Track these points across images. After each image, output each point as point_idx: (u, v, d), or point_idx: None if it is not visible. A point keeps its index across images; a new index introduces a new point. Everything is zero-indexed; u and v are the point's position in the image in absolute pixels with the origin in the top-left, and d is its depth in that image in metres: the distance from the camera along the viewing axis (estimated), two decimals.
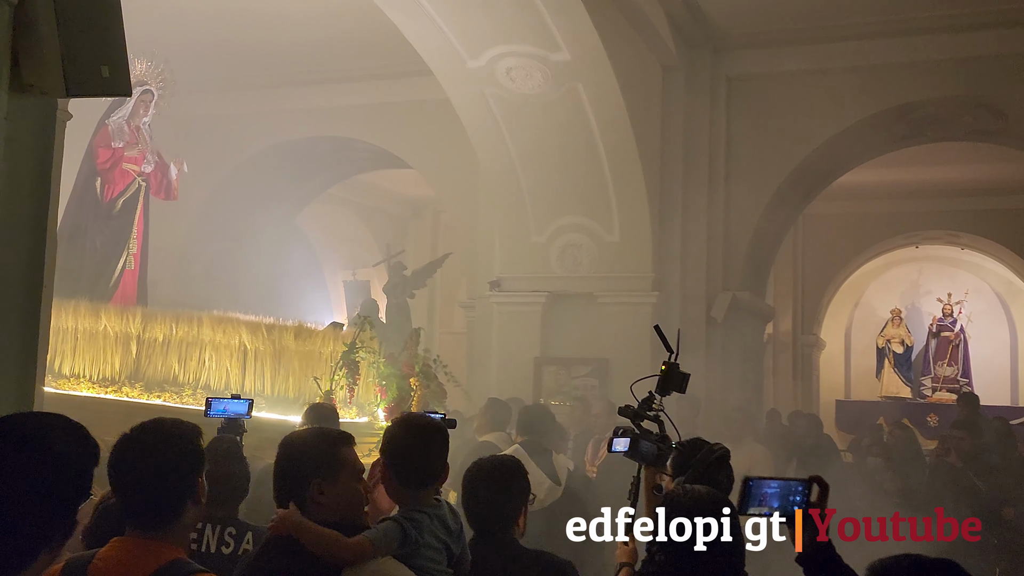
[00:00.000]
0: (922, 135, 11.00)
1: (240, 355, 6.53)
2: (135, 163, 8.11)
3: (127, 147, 8.06)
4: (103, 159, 7.97)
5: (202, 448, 2.45)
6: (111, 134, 8.04)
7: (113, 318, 6.79)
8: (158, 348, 6.68)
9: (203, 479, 2.40)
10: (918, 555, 2.03)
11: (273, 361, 6.51)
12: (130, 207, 8.10)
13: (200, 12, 9.81)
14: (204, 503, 2.42)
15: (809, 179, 10.89)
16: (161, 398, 6.50)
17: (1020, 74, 9.45)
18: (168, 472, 2.31)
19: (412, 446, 2.94)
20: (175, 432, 2.40)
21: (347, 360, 6.38)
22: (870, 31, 9.67)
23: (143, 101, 8.15)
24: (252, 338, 6.52)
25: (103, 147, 7.99)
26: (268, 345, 6.51)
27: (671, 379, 3.09)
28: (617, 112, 9.08)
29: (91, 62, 2.59)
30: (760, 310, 11.58)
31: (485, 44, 8.77)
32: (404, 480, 2.91)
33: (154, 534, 2.27)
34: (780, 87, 10.11)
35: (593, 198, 9.70)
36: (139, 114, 8.15)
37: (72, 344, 6.83)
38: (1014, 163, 12.56)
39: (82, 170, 8.05)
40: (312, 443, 2.78)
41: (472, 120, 9.66)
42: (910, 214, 15.68)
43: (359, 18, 9.54)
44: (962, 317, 17.42)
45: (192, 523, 2.43)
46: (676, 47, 9.82)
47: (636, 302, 9.64)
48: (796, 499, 2.21)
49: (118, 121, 8.05)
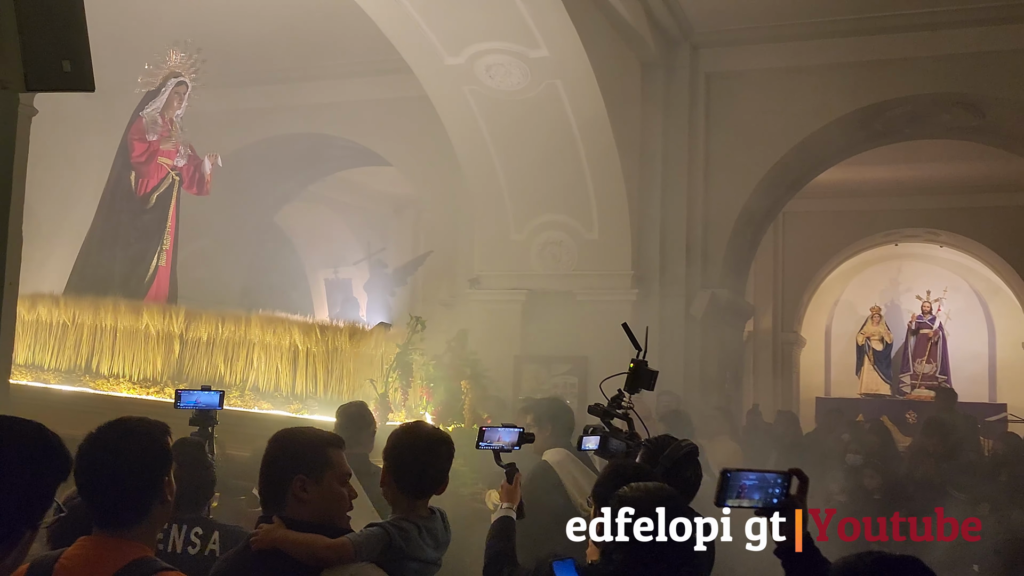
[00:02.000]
0: (900, 133, 11.05)
1: (290, 356, 6.35)
2: (168, 157, 7.90)
3: (162, 140, 7.85)
4: (138, 152, 7.76)
5: (169, 447, 2.42)
6: (145, 127, 7.82)
7: (156, 317, 6.63)
8: (202, 348, 6.53)
9: (171, 478, 2.36)
10: (881, 552, 2.02)
11: (326, 362, 6.33)
12: (164, 202, 7.91)
13: (179, 8, 9.73)
14: (172, 501, 2.38)
15: (788, 176, 10.92)
16: None
17: (998, 72, 9.50)
18: (134, 471, 2.28)
19: (417, 455, 2.95)
20: (141, 430, 2.37)
21: (401, 362, 6.22)
22: (848, 28, 9.71)
23: (177, 93, 7.96)
24: (304, 339, 6.34)
25: (138, 140, 7.78)
26: (320, 346, 6.31)
27: (639, 377, 3.09)
28: (596, 109, 9.07)
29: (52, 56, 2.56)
30: (740, 308, 11.61)
31: (464, 41, 8.74)
32: (403, 487, 2.94)
33: (121, 533, 2.24)
34: (759, 84, 10.13)
35: (573, 195, 9.69)
36: (173, 106, 7.95)
37: (111, 343, 6.69)
38: (992, 161, 12.65)
39: (116, 164, 7.88)
40: (302, 440, 2.77)
41: (451, 117, 9.63)
42: (889, 212, 15.76)
43: (338, 15, 9.49)
44: (941, 314, 17.54)
45: (160, 522, 2.40)
46: (655, 44, 9.83)
47: (616, 300, 9.64)
48: (776, 491, 2.19)
49: (152, 113, 7.85)
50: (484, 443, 3.19)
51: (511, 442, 3.22)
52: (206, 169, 8.12)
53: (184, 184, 8.05)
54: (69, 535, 2.37)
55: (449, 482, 2.98)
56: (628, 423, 3.05)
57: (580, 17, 8.39)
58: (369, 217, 17.28)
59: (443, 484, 3.01)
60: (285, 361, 6.33)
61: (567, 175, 9.57)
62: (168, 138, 7.90)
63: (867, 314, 18.08)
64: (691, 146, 10.18)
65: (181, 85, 7.98)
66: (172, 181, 7.94)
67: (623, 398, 3.07)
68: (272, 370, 6.35)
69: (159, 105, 7.89)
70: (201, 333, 6.54)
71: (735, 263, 10.87)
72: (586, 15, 8.57)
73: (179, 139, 7.96)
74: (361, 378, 6.30)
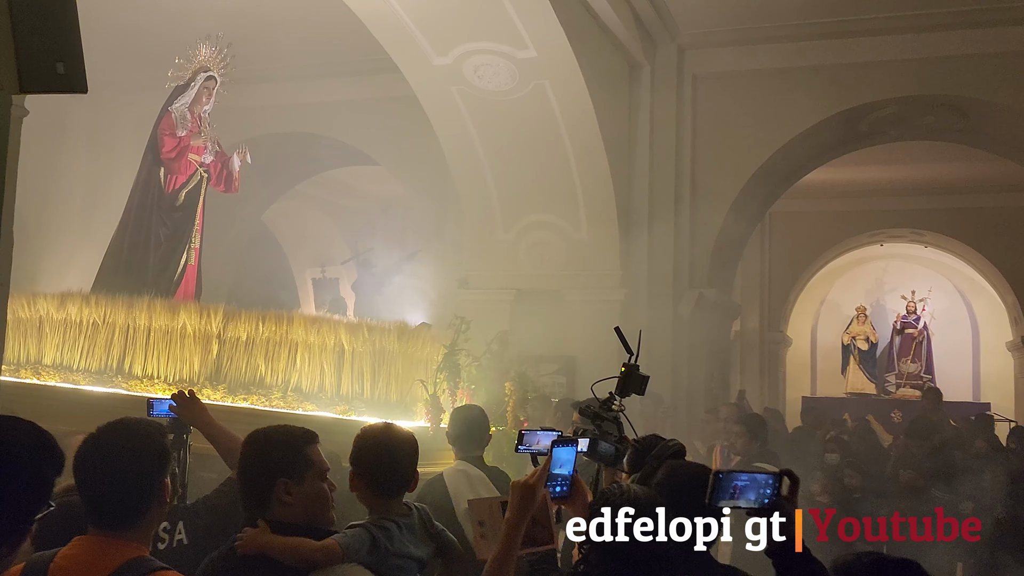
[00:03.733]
0: (885, 134, 11.14)
1: (335, 356, 6.15)
2: (197, 153, 7.71)
3: (192, 136, 7.66)
4: (168, 148, 7.55)
5: (167, 448, 2.44)
6: (174, 122, 7.63)
7: (193, 315, 6.43)
8: (240, 347, 6.30)
9: (168, 479, 2.38)
10: (880, 554, 2.04)
11: (373, 363, 6.13)
12: (192, 199, 7.69)
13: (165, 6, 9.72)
14: (169, 502, 2.41)
15: (775, 177, 10.99)
16: (248, 401, 6.13)
17: (981, 74, 9.59)
18: (134, 472, 2.29)
19: (380, 456, 2.98)
20: (141, 432, 2.38)
21: (449, 363, 6.11)
22: (833, 31, 9.78)
23: (206, 88, 7.75)
24: (351, 339, 6.14)
25: (168, 136, 7.59)
26: (368, 346, 6.12)
27: (630, 381, 3.11)
28: (584, 109, 9.11)
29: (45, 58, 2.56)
30: (727, 307, 11.67)
31: (452, 41, 8.76)
32: (374, 489, 2.96)
33: (118, 533, 2.26)
34: (745, 85, 10.19)
35: (560, 195, 9.73)
36: (201, 101, 7.74)
37: (144, 343, 6.49)
38: (976, 162, 12.75)
39: (145, 160, 7.69)
40: (279, 442, 2.75)
41: (439, 117, 9.64)
42: (875, 212, 15.87)
43: (326, 14, 9.49)
44: (925, 314, 17.65)
45: (157, 522, 2.42)
46: (642, 45, 9.88)
47: (603, 299, 9.68)
48: (768, 492, 2.22)
49: (181, 108, 7.66)
50: (523, 447, 3.16)
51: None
52: (235, 166, 7.90)
53: (212, 181, 7.84)
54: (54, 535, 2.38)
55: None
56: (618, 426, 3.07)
57: (567, 18, 8.43)
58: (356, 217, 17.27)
59: (413, 481, 3.04)
60: (330, 362, 6.13)
61: (555, 175, 9.60)
62: (198, 134, 7.71)
63: (853, 314, 18.18)
64: (678, 147, 10.22)
65: (210, 80, 7.76)
66: (200, 178, 7.74)
67: (614, 401, 3.09)
68: (316, 371, 6.13)
69: (188, 100, 7.68)
70: (240, 333, 6.30)
71: (722, 262, 10.93)
72: (573, 16, 8.61)
73: (208, 135, 7.79)
74: (410, 379, 6.17)
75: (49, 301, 6.93)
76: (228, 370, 6.30)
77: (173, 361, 6.42)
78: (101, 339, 6.73)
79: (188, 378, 6.32)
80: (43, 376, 6.78)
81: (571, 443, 2.52)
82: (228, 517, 3.07)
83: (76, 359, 6.76)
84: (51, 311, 6.91)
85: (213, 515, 3.22)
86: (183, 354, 6.40)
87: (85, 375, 6.67)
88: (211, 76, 7.77)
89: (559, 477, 2.49)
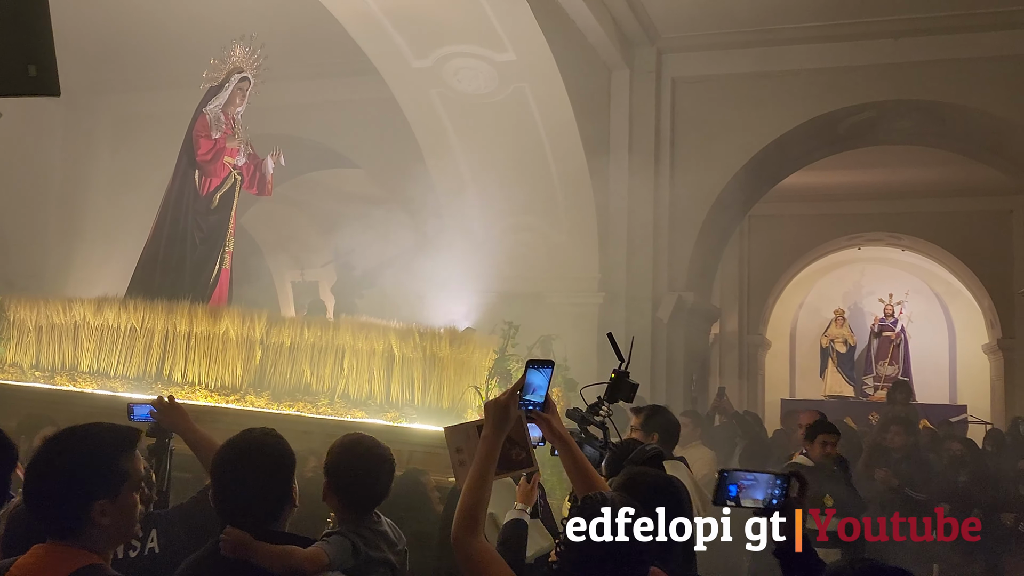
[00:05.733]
0: (863, 138, 11.22)
1: (384, 362, 6.02)
2: (231, 155, 7.62)
3: (227, 138, 7.58)
4: (204, 150, 7.48)
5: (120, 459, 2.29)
6: (209, 124, 7.55)
7: (236, 321, 6.34)
8: (284, 353, 6.20)
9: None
10: (873, 560, 2.05)
11: (424, 369, 5.99)
12: (227, 202, 7.62)
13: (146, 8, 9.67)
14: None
15: (754, 180, 11.04)
16: (294, 407, 6.01)
17: (957, 79, 9.68)
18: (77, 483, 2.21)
19: (359, 474, 3.00)
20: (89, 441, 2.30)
21: (500, 368, 6.03)
22: (811, 36, 9.84)
23: (240, 89, 7.69)
24: (401, 344, 6.01)
25: (204, 138, 7.51)
26: (418, 352, 5.98)
27: (619, 388, 3.11)
28: (563, 112, 9.12)
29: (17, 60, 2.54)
30: (706, 310, 11.70)
31: (432, 44, 8.76)
32: (349, 503, 2.98)
33: (69, 541, 2.21)
34: (724, 89, 10.24)
35: (540, 198, 9.73)
36: (235, 103, 7.69)
37: (184, 349, 6.41)
38: (952, 166, 12.86)
39: (180, 162, 7.60)
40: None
41: (419, 120, 9.64)
42: (853, 216, 15.98)
43: (305, 16, 9.46)
44: (903, 317, 17.78)
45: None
46: (621, 48, 9.90)
47: (583, 302, 9.70)
48: (776, 492, 2.21)
49: (215, 110, 7.60)
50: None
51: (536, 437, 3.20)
52: (268, 168, 7.80)
53: (244, 184, 7.74)
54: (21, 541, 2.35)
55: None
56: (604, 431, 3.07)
57: (547, 21, 8.44)
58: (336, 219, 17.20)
59: (386, 496, 3.07)
60: (379, 367, 6.02)
61: (534, 178, 9.60)
62: (232, 136, 7.63)
63: (831, 317, 18.28)
64: (657, 150, 10.26)
65: (244, 81, 7.71)
66: (234, 181, 7.65)
67: (602, 406, 3.10)
68: (364, 377, 6.02)
69: (221, 102, 7.63)
70: (283, 338, 6.22)
71: (701, 266, 10.96)
72: (553, 19, 8.62)
73: (242, 137, 7.70)
74: (462, 385, 6.07)
75: (85, 306, 6.85)
76: (272, 376, 6.22)
77: (215, 367, 6.35)
78: (139, 345, 6.64)
79: (230, 384, 6.25)
80: (79, 383, 6.70)
81: (546, 366, 2.52)
82: (204, 527, 3.01)
83: (113, 365, 6.68)
84: (88, 316, 6.82)
85: (189, 525, 3.17)
86: (225, 360, 6.32)
87: (123, 381, 6.59)
88: (245, 77, 7.72)
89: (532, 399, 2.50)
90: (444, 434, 2.63)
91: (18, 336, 7.07)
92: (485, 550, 2.28)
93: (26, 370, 6.98)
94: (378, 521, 3.03)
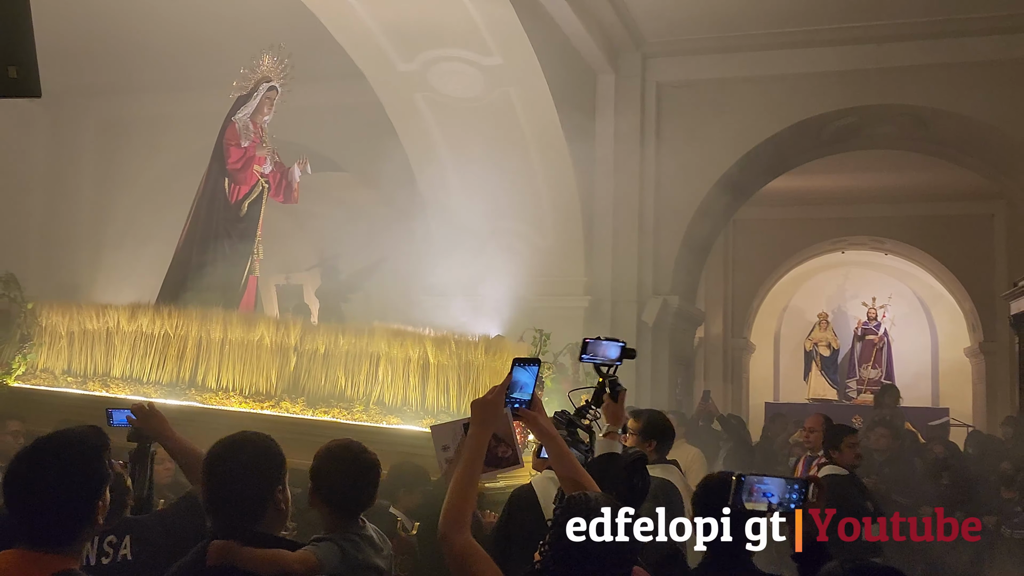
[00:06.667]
0: (846, 143, 11.29)
1: (420, 369, 5.99)
2: (258, 163, 7.68)
3: (256, 147, 7.64)
4: (234, 159, 7.53)
5: (106, 465, 2.31)
6: (238, 132, 7.60)
7: (271, 328, 6.35)
8: (318, 360, 6.20)
9: (105, 498, 2.28)
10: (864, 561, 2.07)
11: (459, 376, 5.97)
12: (255, 210, 7.68)
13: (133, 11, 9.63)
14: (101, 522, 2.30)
15: (738, 184, 11.09)
16: (329, 414, 6.02)
17: (940, 84, 9.75)
18: (66, 490, 2.20)
19: (347, 480, 2.99)
20: (77, 447, 2.29)
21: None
22: (795, 41, 9.90)
23: (268, 98, 7.74)
24: (437, 352, 5.98)
25: (234, 146, 7.55)
26: (454, 359, 5.97)
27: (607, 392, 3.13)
28: (549, 116, 9.14)
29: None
30: (691, 314, 11.74)
31: (418, 48, 8.76)
32: (336, 508, 2.98)
33: (45, 549, 2.18)
34: (708, 94, 10.28)
35: (526, 202, 9.74)
36: (263, 111, 7.73)
37: (218, 355, 6.40)
38: (934, 171, 12.95)
39: (211, 171, 7.65)
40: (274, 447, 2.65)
41: (404, 123, 9.64)
42: (836, 220, 16.06)
43: (290, 19, 9.44)
44: (886, 321, 17.87)
45: (88, 538, 2.33)
46: (606, 53, 9.93)
47: (568, 306, 9.70)
48: (793, 496, 2.26)
49: (243, 119, 7.64)
50: (587, 356, 3.19)
51: (614, 357, 3.20)
52: (295, 176, 7.87)
53: (271, 192, 7.80)
54: None
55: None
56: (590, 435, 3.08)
57: (533, 26, 8.46)
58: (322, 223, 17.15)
59: (372, 501, 3.07)
60: (415, 374, 5.99)
61: (520, 181, 9.61)
62: (261, 144, 7.69)
63: (815, 320, 18.36)
64: (642, 154, 10.29)
65: (272, 90, 7.76)
66: (262, 189, 7.71)
67: (589, 410, 3.11)
68: (400, 384, 6.01)
69: (250, 110, 7.68)
70: (318, 345, 6.22)
71: (686, 270, 11.00)
72: (539, 23, 8.64)
73: (270, 146, 7.77)
74: None
75: (120, 312, 6.83)
76: (306, 383, 6.21)
77: (249, 373, 6.34)
78: (173, 351, 6.63)
79: (265, 391, 6.25)
80: (111, 388, 6.68)
81: (532, 364, 2.53)
82: (183, 535, 2.98)
83: (147, 371, 6.66)
84: (121, 322, 6.80)
85: (167, 532, 3.12)
86: (259, 366, 6.32)
87: (156, 387, 6.56)
88: (273, 87, 7.77)
89: (519, 396, 2.51)
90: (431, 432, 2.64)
91: (50, 341, 7.06)
92: (472, 547, 2.29)
93: (58, 376, 6.96)
94: (364, 527, 3.02)
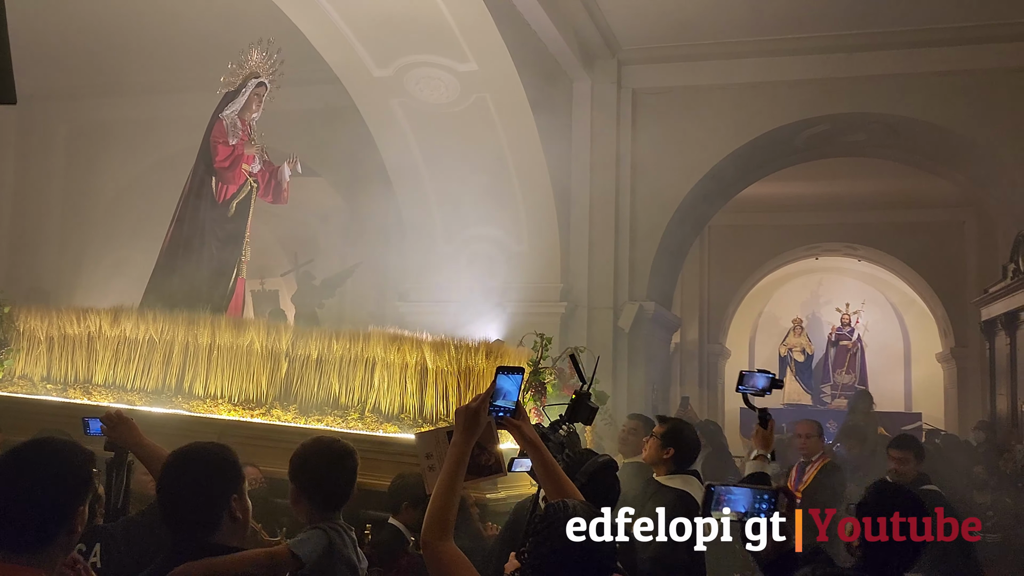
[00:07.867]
0: (819, 150, 11.39)
1: (418, 375, 5.78)
2: (246, 162, 7.39)
3: (244, 145, 7.37)
4: (222, 157, 7.24)
5: (88, 475, 2.26)
6: (226, 129, 7.33)
7: (262, 333, 6.10)
8: (311, 366, 5.96)
9: (85, 508, 2.22)
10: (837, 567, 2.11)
11: (459, 382, 5.74)
12: (243, 210, 7.43)
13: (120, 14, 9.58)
14: (80, 531, 2.24)
15: (713, 190, 11.15)
16: (323, 422, 5.78)
17: (911, 93, 9.85)
18: (44, 497, 2.14)
19: (325, 471, 2.99)
20: (61, 455, 2.24)
21: (535, 381, 5.88)
22: (769, 49, 9.97)
23: (256, 95, 7.48)
24: (435, 357, 5.76)
25: (222, 144, 7.28)
26: (453, 365, 5.74)
27: (579, 409, 3.13)
28: (525, 122, 9.15)
29: None
30: (667, 320, 11.78)
31: (394, 54, 8.75)
32: (316, 503, 2.98)
33: (15, 558, 2.12)
34: (684, 101, 10.34)
35: (502, 208, 9.75)
36: (251, 108, 7.46)
37: (205, 361, 6.17)
38: (906, 178, 13.09)
39: (197, 169, 7.38)
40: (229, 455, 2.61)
41: (380, 129, 9.62)
42: (810, 226, 16.19)
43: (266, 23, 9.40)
44: (859, 326, 18.04)
45: (67, 549, 2.26)
46: (582, 59, 9.96)
47: (545, 312, 9.70)
48: (763, 507, 2.33)
49: (231, 116, 7.38)
50: (743, 387, 3.66)
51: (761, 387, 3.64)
52: (284, 176, 7.61)
53: (260, 191, 7.54)
54: None
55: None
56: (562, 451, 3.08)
57: (509, 32, 8.47)
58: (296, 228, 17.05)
59: (351, 492, 3.06)
60: (412, 380, 5.78)
61: (496, 188, 9.62)
62: (249, 142, 7.42)
63: (789, 326, 18.51)
64: (618, 160, 10.32)
65: (261, 87, 7.51)
66: (250, 188, 7.46)
67: (561, 425, 3.11)
68: (396, 390, 5.79)
69: (238, 107, 7.42)
70: (311, 350, 5.98)
71: (662, 275, 11.04)
72: (515, 30, 8.65)
73: (258, 144, 7.51)
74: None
75: (102, 316, 6.56)
76: (298, 389, 5.99)
77: (238, 380, 6.11)
78: (158, 357, 6.37)
79: (255, 398, 6.03)
80: (93, 396, 6.40)
81: (516, 372, 2.53)
82: (147, 543, 2.94)
83: (131, 378, 6.40)
84: (104, 327, 6.54)
85: (131, 540, 3.09)
86: (249, 372, 6.09)
87: (141, 395, 6.32)
88: (262, 83, 7.52)
89: (503, 405, 2.51)
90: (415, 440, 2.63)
91: (28, 347, 6.77)
92: (454, 554, 2.29)
93: (37, 383, 6.69)
94: (348, 529, 3.03)
